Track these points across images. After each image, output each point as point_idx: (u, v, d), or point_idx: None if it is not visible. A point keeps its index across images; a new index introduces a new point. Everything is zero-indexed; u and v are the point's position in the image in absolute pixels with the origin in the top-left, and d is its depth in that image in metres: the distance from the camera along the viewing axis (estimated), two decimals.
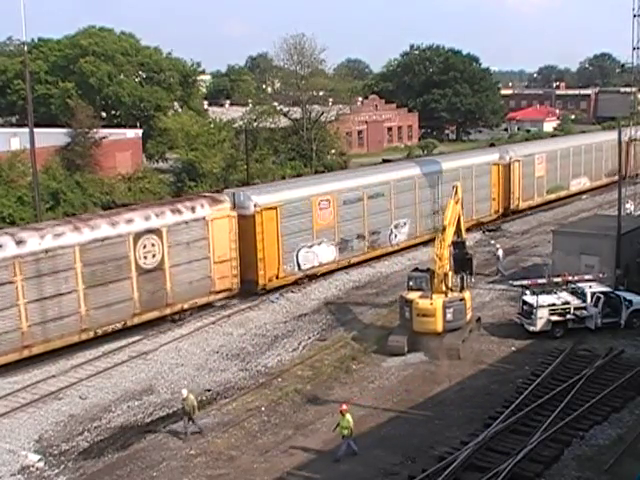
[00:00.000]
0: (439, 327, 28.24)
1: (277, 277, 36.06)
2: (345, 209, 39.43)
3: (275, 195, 36.41)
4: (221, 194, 36.11)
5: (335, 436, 22.35)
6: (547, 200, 56.48)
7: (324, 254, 38.43)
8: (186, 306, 32.39)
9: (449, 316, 28.26)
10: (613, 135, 66.25)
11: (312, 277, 38.12)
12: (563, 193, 58.46)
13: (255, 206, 34.88)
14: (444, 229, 28.38)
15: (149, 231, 30.67)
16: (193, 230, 32.24)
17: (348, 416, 21.24)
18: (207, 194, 37.18)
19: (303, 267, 37.32)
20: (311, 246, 37.61)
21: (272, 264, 35.68)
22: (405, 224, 43.28)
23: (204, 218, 32.58)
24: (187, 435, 22.64)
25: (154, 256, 30.82)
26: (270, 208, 35.40)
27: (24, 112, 61.18)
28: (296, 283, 37.20)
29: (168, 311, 31.84)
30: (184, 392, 22.97)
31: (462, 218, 30.13)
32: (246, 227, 34.58)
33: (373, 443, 22.04)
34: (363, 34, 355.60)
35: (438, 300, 28.21)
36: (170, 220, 31.45)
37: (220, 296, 33.83)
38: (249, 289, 35.17)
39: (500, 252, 40.03)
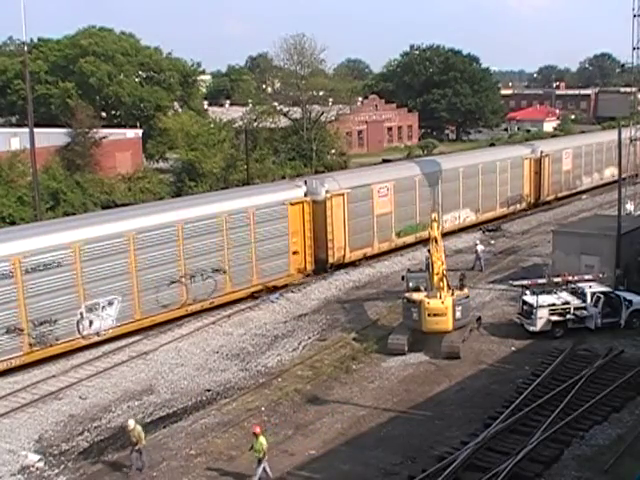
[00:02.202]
0: (450, 325, 28.41)
1: None
2: None
3: None
4: None
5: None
6: (399, 245, 43.25)
7: None
8: None
9: (458, 314, 28.53)
10: (514, 152, 54.27)
11: None
12: (427, 234, 44.87)
13: None
14: (435, 240, 28.76)
15: None
16: None
17: (262, 439, 19.83)
18: None
19: None
20: None
21: None
22: (112, 303, 30.11)
23: None
24: (132, 469, 20.74)
25: None
26: None
27: (24, 112, 61.25)
28: None
29: None
30: (131, 423, 20.94)
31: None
32: None
33: (373, 443, 22.02)
34: (363, 34, 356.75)
35: (448, 299, 28.39)
36: None
37: None
38: None
39: (479, 247, 40.29)
